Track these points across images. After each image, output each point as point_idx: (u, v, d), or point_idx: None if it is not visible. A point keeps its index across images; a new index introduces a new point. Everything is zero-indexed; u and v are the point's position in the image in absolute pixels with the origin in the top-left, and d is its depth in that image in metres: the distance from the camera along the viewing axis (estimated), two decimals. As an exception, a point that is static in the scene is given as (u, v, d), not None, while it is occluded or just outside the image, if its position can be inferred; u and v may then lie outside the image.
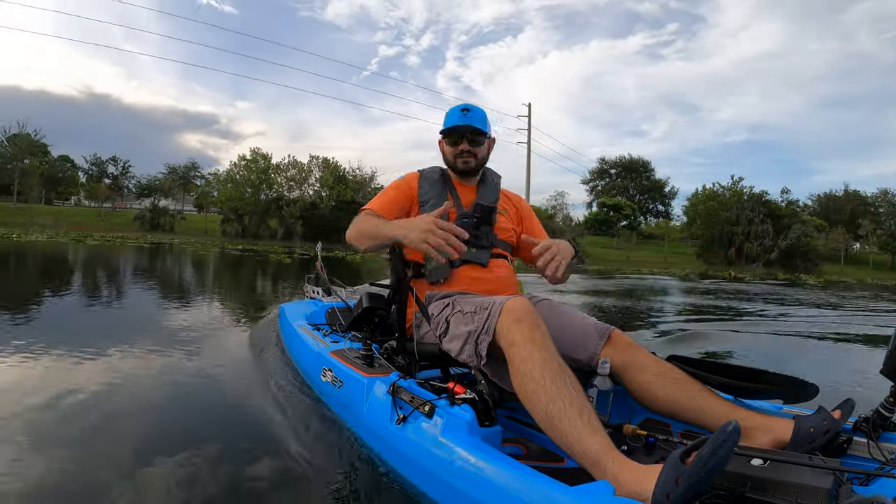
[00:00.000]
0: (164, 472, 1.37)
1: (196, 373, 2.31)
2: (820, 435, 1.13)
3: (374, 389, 1.47)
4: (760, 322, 5.30)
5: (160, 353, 2.58)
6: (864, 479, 1.04)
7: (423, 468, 1.19)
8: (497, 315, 1.21)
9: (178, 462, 1.41)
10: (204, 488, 1.32)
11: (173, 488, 1.30)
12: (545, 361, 1.10)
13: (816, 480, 0.90)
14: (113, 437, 1.57)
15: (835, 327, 5.10)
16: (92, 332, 3.03)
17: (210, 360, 2.52)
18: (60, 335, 2.82)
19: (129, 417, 1.74)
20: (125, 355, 2.49)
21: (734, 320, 5.46)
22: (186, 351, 2.65)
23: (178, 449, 1.48)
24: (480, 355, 1.25)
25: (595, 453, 0.97)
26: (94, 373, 2.15)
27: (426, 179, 1.69)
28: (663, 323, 5.00)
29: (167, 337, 2.99)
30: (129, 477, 1.32)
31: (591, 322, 1.46)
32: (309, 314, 2.55)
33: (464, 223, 1.59)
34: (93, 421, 1.66)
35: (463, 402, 1.22)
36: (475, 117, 1.65)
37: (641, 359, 1.35)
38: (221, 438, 1.59)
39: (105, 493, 1.23)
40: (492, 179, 1.76)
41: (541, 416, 1.07)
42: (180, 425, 1.72)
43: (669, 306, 7.01)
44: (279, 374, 2.20)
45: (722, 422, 1.19)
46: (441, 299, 1.49)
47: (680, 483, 0.81)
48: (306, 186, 35.04)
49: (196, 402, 1.97)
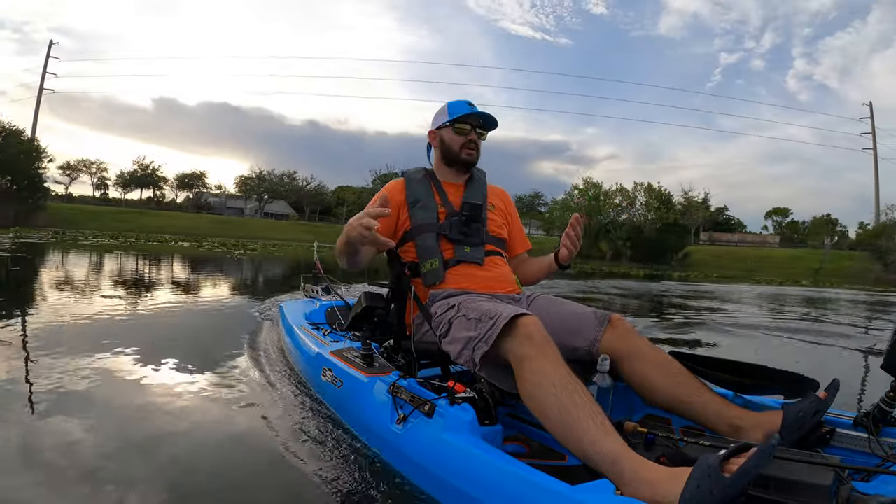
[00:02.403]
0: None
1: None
2: (809, 417, 1.13)
3: (374, 389, 1.46)
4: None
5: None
6: (864, 475, 1.04)
7: (423, 468, 1.19)
8: (501, 326, 1.19)
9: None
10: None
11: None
12: (556, 373, 1.09)
13: (817, 477, 0.89)
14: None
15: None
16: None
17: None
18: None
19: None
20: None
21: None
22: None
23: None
24: (475, 362, 1.25)
25: (612, 455, 0.96)
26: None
27: (412, 181, 1.67)
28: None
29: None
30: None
31: (589, 310, 1.46)
32: (308, 313, 2.55)
33: (454, 221, 1.59)
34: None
35: (463, 400, 1.22)
36: (485, 113, 1.66)
37: (642, 347, 1.34)
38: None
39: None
40: (479, 177, 1.76)
41: (553, 424, 1.06)
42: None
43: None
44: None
45: (719, 419, 1.21)
46: (445, 299, 1.47)
47: (715, 493, 0.79)
48: (633, 210, 37.36)
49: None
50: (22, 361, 2.23)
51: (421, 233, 1.58)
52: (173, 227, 31.19)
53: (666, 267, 24.91)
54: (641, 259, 31.13)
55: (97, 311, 3.54)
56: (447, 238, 1.58)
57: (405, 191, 1.64)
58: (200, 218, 41.51)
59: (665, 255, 32.22)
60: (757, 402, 1.35)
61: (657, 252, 32.07)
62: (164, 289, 5.34)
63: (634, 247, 33.21)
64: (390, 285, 1.66)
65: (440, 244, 1.58)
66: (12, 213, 22.48)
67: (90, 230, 21.80)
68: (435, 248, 1.57)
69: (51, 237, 14.37)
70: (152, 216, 37.03)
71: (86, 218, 30.11)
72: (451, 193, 1.66)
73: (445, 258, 1.56)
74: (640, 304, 7.36)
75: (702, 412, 1.23)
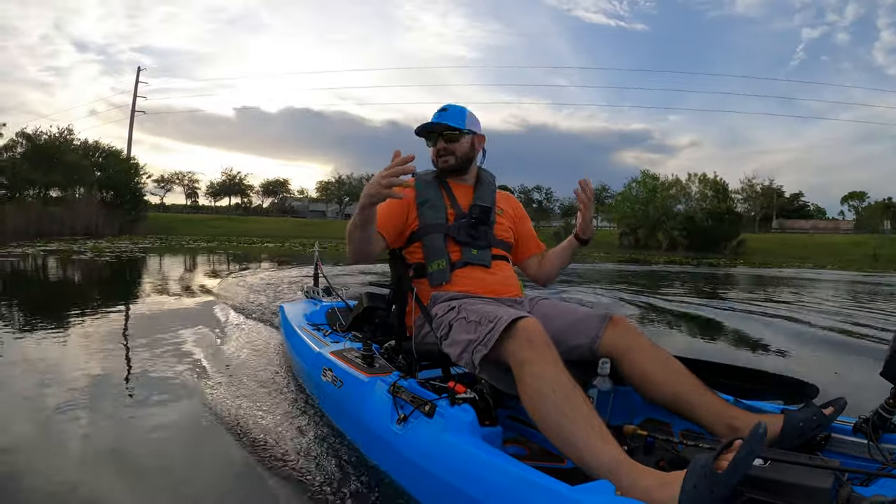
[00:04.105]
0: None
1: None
2: (810, 429, 1.13)
3: (375, 389, 1.46)
4: None
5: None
6: (864, 479, 1.04)
7: (423, 468, 1.19)
8: (501, 330, 1.19)
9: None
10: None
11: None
12: (555, 378, 1.09)
13: (816, 480, 0.90)
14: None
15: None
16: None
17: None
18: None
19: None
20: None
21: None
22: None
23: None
24: (474, 364, 1.25)
25: (609, 463, 0.96)
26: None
27: (422, 181, 1.67)
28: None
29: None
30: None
31: (591, 310, 1.46)
32: (309, 314, 2.55)
33: (462, 223, 1.59)
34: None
35: (464, 401, 1.22)
36: (450, 115, 1.65)
37: (643, 345, 1.34)
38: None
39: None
40: (488, 179, 1.76)
41: (551, 430, 1.06)
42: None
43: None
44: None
45: (718, 419, 1.21)
46: (447, 301, 1.47)
47: (712, 490, 0.80)
48: (687, 201, 38.01)
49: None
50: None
51: (429, 233, 1.58)
52: (259, 230, 33.98)
53: (717, 256, 24.94)
54: (696, 248, 31.24)
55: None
56: (455, 240, 1.58)
57: (415, 191, 1.65)
58: (285, 221, 44.80)
59: (719, 243, 32.17)
60: (757, 408, 1.35)
61: (711, 241, 32.13)
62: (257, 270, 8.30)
63: (690, 236, 33.52)
64: (391, 286, 1.66)
65: (448, 245, 1.58)
66: (118, 224, 26.54)
67: (188, 235, 24.99)
68: (442, 248, 1.57)
69: (159, 243, 17.32)
70: (240, 221, 41.32)
71: (181, 225, 33.80)
72: (461, 196, 1.66)
73: (453, 260, 1.56)
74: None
75: (702, 411, 1.22)
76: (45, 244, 13.36)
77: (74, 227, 23.08)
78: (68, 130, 28.97)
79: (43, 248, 11.90)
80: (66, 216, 24.29)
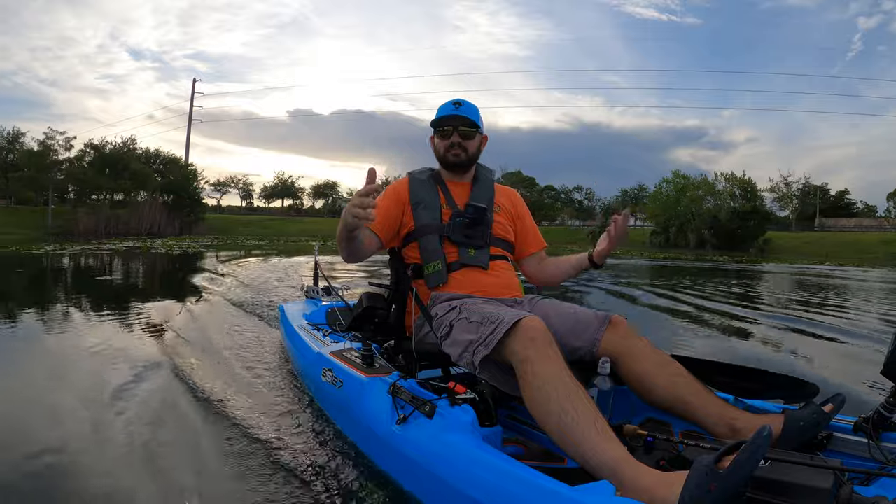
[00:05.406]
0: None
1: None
2: (810, 428, 1.13)
3: (375, 389, 1.46)
4: None
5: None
6: (864, 478, 1.04)
7: (423, 468, 1.19)
8: (503, 332, 1.19)
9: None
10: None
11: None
12: (558, 377, 1.09)
13: (817, 480, 0.89)
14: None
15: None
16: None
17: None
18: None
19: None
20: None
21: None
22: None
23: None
24: (475, 365, 1.25)
25: (611, 461, 0.96)
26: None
27: (416, 181, 1.65)
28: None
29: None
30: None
31: (591, 311, 1.45)
32: (309, 314, 2.55)
33: (457, 223, 1.57)
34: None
35: (463, 402, 1.22)
36: (467, 110, 1.63)
37: (642, 348, 1.33)
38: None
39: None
40: (486, 176, 1.73)
41: (554, 428, 1.06)
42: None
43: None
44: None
45: (718, 421, 1.20)
46: (447, 301, 1.47)
47: (714, 490, 0.79)
48: (713, 200, 37.88)
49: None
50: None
51: (424, 234, 1.57)
52: (311, 230, 35.62)
53: (742, 254, 25.35)
54: (722, 248, 31.42)
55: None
56: (450, 240, 1.56)
57: (409, 191, 1.64)
58: (335, 221, 43.74)
59: (745, 241, 32.37)
60: (757, 407, 1.34)
61: (737, 239, 32.66)
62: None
63: (716, 234, 33.81)
64: (391, 286, 1.66)
65: (443, 246, 1.56)
66: (178, 225, 29.95)
67: (242, 235, 27.07)
68: (438, 250, 1.55)
69: (216, 241, 19.03)
70: (292, 222, 43.23)
71: (237, 225, 36.17)
72: (457, 194, 1.64)
73: (449, 261, 1.54)
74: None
75: (701, 412, 1.22)
76: (121, 242, 15.11)
77: (139, 228, 26.46)
78: (131, 140, 32.96)
79: (120, 244, 14.11)
80: (131, 217, 27.97)
